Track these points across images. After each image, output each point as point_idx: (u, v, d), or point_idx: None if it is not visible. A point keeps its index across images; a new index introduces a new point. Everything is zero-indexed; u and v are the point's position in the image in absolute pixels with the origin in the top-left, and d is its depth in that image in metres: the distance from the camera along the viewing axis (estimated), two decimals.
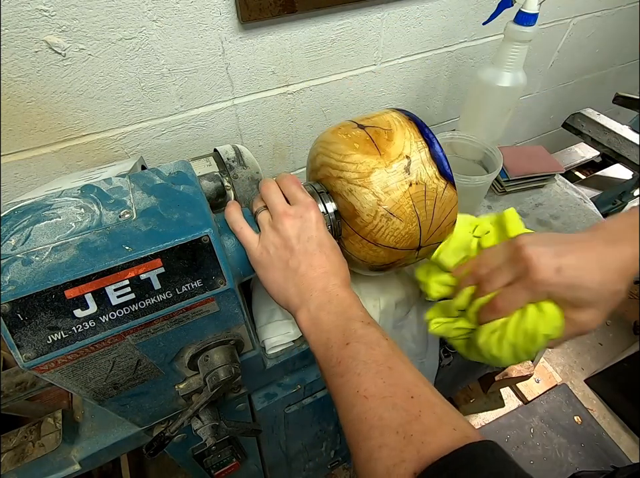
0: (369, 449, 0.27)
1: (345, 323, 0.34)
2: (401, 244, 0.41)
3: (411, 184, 0.40)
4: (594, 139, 0.92)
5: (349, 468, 1.26)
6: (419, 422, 0.27)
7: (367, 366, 0.30)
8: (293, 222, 0.38)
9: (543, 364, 1.50)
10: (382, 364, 0.31)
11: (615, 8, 0.96)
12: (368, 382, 0.30)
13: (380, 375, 0.30)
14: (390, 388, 0.29)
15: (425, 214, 0.41)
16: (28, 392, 0.44)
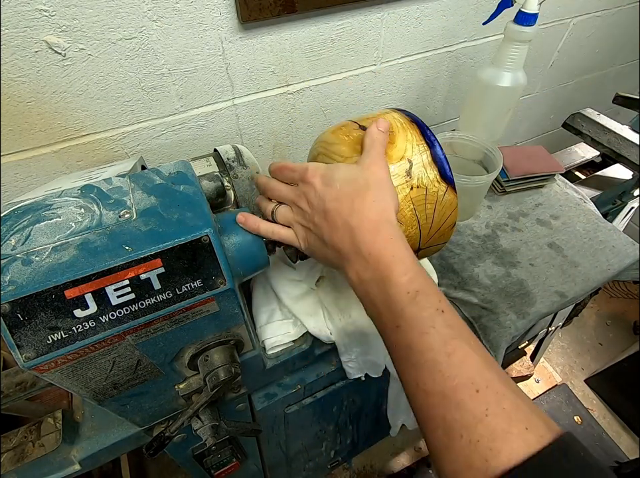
0: (437, 445, 0.26)
1: (389, 299, 0.30)
2: None
3: (412, 188, 0.40)
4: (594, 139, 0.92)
5: (349, 468, 1.26)
6: (485, 425, 0.24)
7: (422, 357, 0.28)
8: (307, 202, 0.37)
9: (543, 364, 1.50)
10: (439, 351, 0.27)
11: (615, 8, 0.96)
12: (426, 375, 0.27)
13: (438, 366, 0.27)
14: (450, 382, 0.26)
15: (425, 218, 0.41)
16: (28, 392, 0.44)
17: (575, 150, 1.04)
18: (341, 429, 0.84)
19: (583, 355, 1.54)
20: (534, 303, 0.63)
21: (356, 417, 0.82)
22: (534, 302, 0.63)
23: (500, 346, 0.60)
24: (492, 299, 0.63)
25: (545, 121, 1.19)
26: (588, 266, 0.68)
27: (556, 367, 1.50)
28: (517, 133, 1.17)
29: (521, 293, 0.64)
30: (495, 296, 0.63)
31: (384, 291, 0.31)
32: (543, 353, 1.36)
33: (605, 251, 0.70)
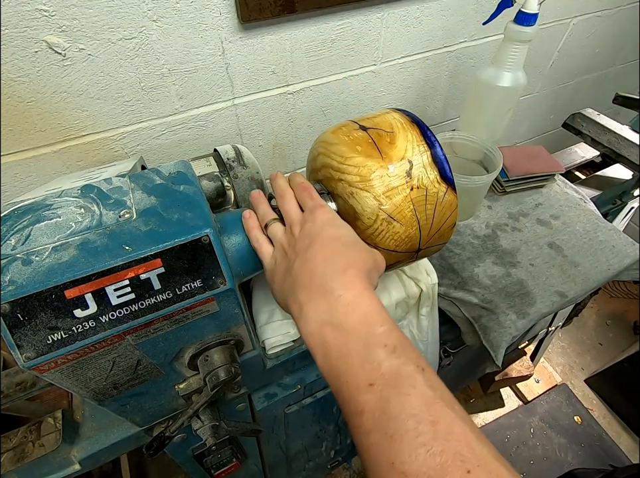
0: None
1: (362, 349, 0.26)
2: (401, 248, 0.42)
3: (413, 189, 0.40)
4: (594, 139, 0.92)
5: (349, 468, 1.26)
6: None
7: (402, 426, 0.23)
8: (299, 220, 0.36)
9: (543, 364, 1.50)
10: (422, 418, 0.23)
11: (615, 8, 0.96)
12: (405, 452, 0.22)
13: (421, 439, 0.22)
14: (436, 459, 0.22)
15: (426, 218, 0.41)
16: (28, 392, 0.44)
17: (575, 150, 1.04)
18: (341, 429, 0.84)
19: (583, 355, 1.54)
20: (534, 303, 0.63)
21: None
22: (534, 302, 0.63)
23: (500, 346, 0.60)
24: (492, 299, 0.63)
25: (545, 121, 1.19)
26: (588, 266, 0.68)
27: (556, 367, 1.50)
28: (517, 133, 1.17)
29: (521, 293, 0.64)
30: (495, 296, 0.63)
31: (356, 340, 0.27)
32: (543, 353, 1.36)
33: (605, 251, 0.70)
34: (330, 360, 0.27)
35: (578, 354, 1.54)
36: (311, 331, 0.29)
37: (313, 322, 0.29)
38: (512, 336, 0.61)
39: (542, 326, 1.00)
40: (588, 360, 1.52)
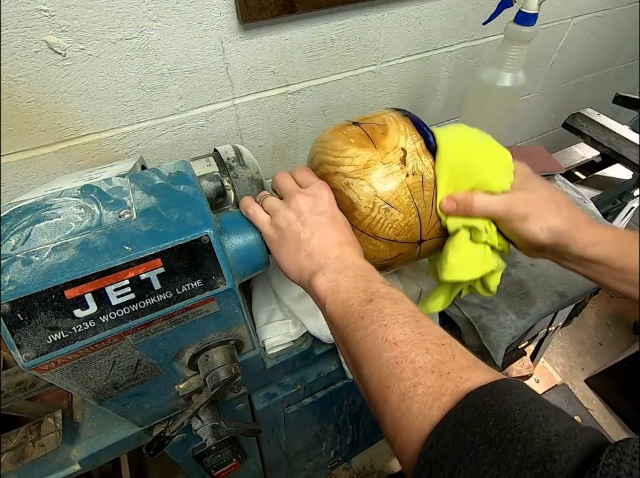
0: (402, 389, 0.26)
1: (366, 284, 0.33)
2: (402, 237, 0.41)
3: (408, 175, 0.40)
4: (594, 139, 0.92)
5: (349, 468, 1.26)
6: (454, 362, 0.26)
7: (394, 318, 0.29)
8: (306, 199, 0.39)
9: (543, 364, 1.50)
10: (409, 317, 0.30)
11: (615, 8, 0.95)
12: (397, 331, 0.28)
13: (408, 325, 0.29)
14: (419, 336, 0.28)
15: (424, 205, 0.41)
16: (28, 392, 0.44)
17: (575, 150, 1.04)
18: (341, 429, 0.84)
19: (583, 355, 1.54)
20: (534, 303, 0.63)
21: (356, 417, 0.82)
22: (534, 302, 0.63)
23: (500, 346, 0.60)
24: (492, 299, 0.63)
25: (545, 121, 1.19)
26: None
27: (556, 367, 1.50)
28: (517, 133, 1.17)
29: (521, 293, 0.64)
30: (495, 296, 0.63)
31: (361, 279, 0.34)
32: (543, 353, 1.36)
33: None
34: (339, 295, 0.33)
35: (578, 354, 1.54)
36: (327, 279, 0.35)
37: (330, 274, 0.35)
38: (512, 336, 0.61)
39: (542, 326, 1.00)
40: (588, 360, 1.52)
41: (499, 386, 0.24)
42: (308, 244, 0.37)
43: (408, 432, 0.25)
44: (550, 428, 0.21)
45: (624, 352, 1.41)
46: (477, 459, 0.21)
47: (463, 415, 0.23)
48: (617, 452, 0.18)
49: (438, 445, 0.23)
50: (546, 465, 0.19)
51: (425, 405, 0.25)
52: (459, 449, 0.22)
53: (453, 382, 0.25)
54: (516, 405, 0.22)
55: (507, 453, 0.20)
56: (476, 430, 0.22)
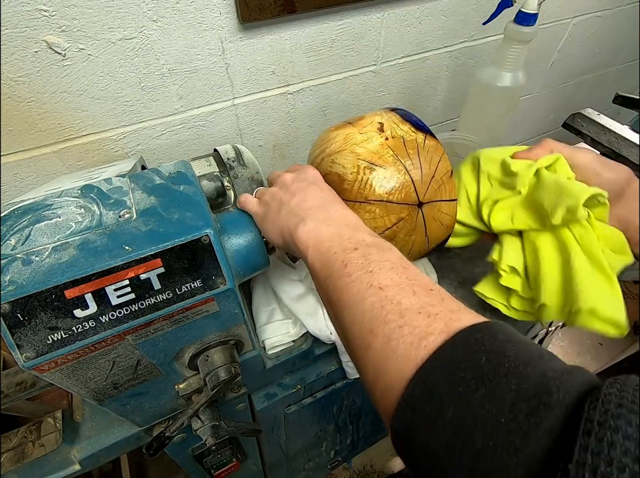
0: (387, 332, 0.24)
1: (351, 233, 0.31)
2: (395, 196, 0.40)
3: (387, 139, 0.41)
4: (594, 139, 0.92)
5: (349, 468, 1.26)
6: (443, 305, 0.25)
7: (380, 264, 0.28)
8: (290, 175, 0.41)
9: None
10: (396, 263, 0.28)
11: (615, 8, 0.95)
12: (383, 276, 0.27)
13: (395, 271, 0.27)
14: (407, 280, 0.27)
15: (412, 163, 0.40)
16: (28, 392, 0.44)
17: None
18: (341, 429, 0.84)
19: (583, 355, 1.54)
20: None
21: (356, 417, 0.82)
22: None
23: None
24: None
25: (545, 121, 1.19)
26: None
27: None
28: (517, 133, 1.17)
29: None
30: None
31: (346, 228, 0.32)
32: None
33: None
34: (322, 245, 0.31)
35: (578, 354, 1.54)
36: (308, 229, 0.33)
37: (312, 223, 0.33)
38: None
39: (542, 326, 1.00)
40: (588, 360, 1.52)
41: (491, 326, 0.23)
42: (289, 204, 0.37)
43: (392, 374, 0.24)
44: (546, 365, 0.20)
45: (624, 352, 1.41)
46: (467, 394, 0.20)
47: (452, 352, 0.22)
48: (619, 383, 0.18)
49: (425, 383, 0.22)
50: (542, 397, 0.18)
51: (412, 345, 0.23)
52: (448, 385, 0.21)
53: (441, 322, 0.24)
54: (510, 343, 0.22)
55: (501, 387, 0.19)
56: (467, 366, 0.21)
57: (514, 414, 0.18)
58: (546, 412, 0.18)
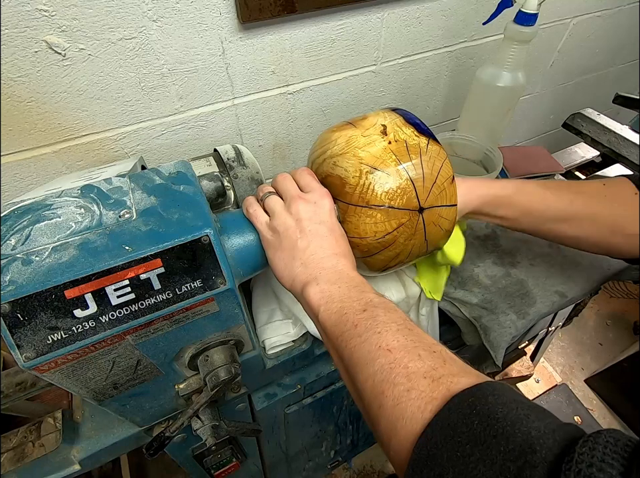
0: (397, 394, 0.27)
1: (359, 294, 0.34)
2: (397, 202, 0.40)
3: (390, 142, 0.41)
4: (594, 139, 0.92)
5: (349, 468, 1.26)
6: (445, 368, 0.27)
7: (387, 326, 0.30)
8: (306, 206, 0.39)
9: (543, 364, 1.50)
10: (402, 325, 0.31)
11: (615, 8, 0.95)
12: (390, 337, 0.29)
13: (401, 333, 0.30)
14: (412, 343, 0.29)
15: (414, 168, 0.40)
16: (28, 392, 0.44)
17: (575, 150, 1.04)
18: (341, 429, 0.84)
19: (583, 355, 1.54)
20: (534, 303, 0.63)
21: (356, 417, 0.82)
22: (534, 302, 0.63)
23: (500, 346, 0.60)
24: (492, 299, 0.63)
25: (545, 121, 1.19)
26: (588, 266, 0.68)
27: (556, 367, 1.50)
28: (517, 133, 1.17)
29: (521, 293, 0.64)
30: (495, 296, 0.63)
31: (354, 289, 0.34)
32: (543, 353, 1.36)
33: None
34: (332, 305, 0.34)
35: (578, 354, 1.54)
36: (320, 289, 0.35)
37: (323, 284, 0.35)
38: (512, 336, 0.61)
39: (542, 326, 1.00)
40: (588, 360, 1.52)
41: (482, 388, 0.25)
42: (304, 253, 0.37)
43: (402, 435, 0.26)
44: (531, 424, 0.22)
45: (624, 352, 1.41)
46: (464, 457, 0.22)
47: (449, 416, 0.24)
48: (590, 442, 0.20)
49: (427, 447, 0.24)
50: (527, 456, 0.20)
51: (418, 409, 0.26)
52: (447, 449, 0.23)
53: (444, 386, 0.26)
54: (499, 405, 0.24)
55: (491, 449, 0.22)
56: (462, 430, 0.23)
57: (504, 476, 0.20)
58: (530, 471, 0.20)
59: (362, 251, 0.43)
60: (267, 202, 0.41)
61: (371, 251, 0.43)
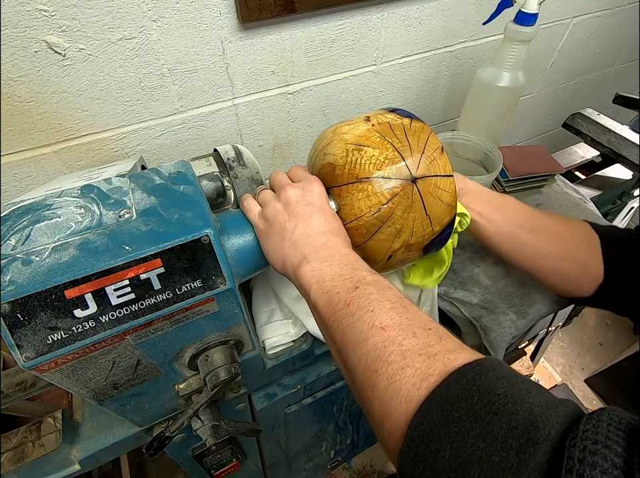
0: (390, 373, 0.26)
1: (351, 272, 0.33)
2: (386, 172, 0.39)
3: (374, 125, 0.42)
4: (594, 139, 0.92)
5: (349, 468, 1.26)
6: (441, 345, 0.27)
7: (381, 304, 0.29)
8: (294, 191, 0.39)
9: (543, 364, 1.50)
10: (395, 302, 0.30)
11: (615, 8, 0.96)
12: (384, 316, 0.29)
13: (395, 311, 0.29)
14: (406, 320, 0.28)
15: (399, 142, 0.41)
16: (28, 392, 0.44)
17: (575, 150, 1.04)
18: (341, 429, 0.84)
19: (583, 355, 1.54)
20: (534, 303, 0.63)
21: (356, 417, 0.82)
22: (534, 302, 0.63)
23: (500, 346, 0.60)
24: (492, 299, 0.63)
25: (545, 121, 1.19)
26: None
27: (556, 367, 1.50)
28: (517, 133, 1.17)
29: (521, 293, 0.64)
30: (495, 296, 0.63)
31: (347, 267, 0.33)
32: (543, 353, 1.36)
33: None
34: (324, 284, 0.33)
35: (578, 354, 1.54)
36: (311, 268, 0.34)
37: (314, 262, 0.35)
38: (512, 336, 0.61)
39: (542, 326, 1.00)
40: (588, 360, 1.52)
41: (482, 364, 0.25)
42: (292, 234, 0.37)
43: (396, 414, 0.25)
44: (533, 400, 0.22)
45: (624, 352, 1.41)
46: (462, 433, 0.22)
47: (447, 392, 0.23)
48: (594, 419, 0.20)
49: (424, 424, 0.23)
50: (531, 433, 0.20)
51: (414, 386, 0.25)
52: (444, 425, 0.22)
53: (440, 363, 0.25)
54: (499, 380, 0.23)
55: (493, 425, 0.21)
56: (461, 405, 0.23)
57: (505, 452, 0.20)
58: (534, 448, 0.19)
59: (362, 235, 0.41)
60: (260, 195, 0.42)
61: (370, 230, 0.41)
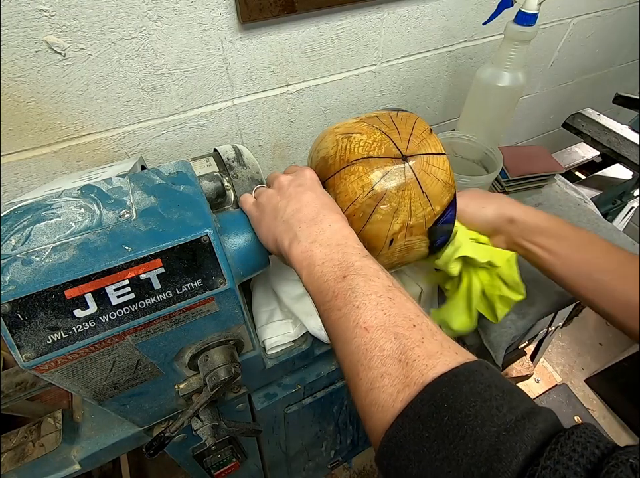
0: (370, 379, 0.27)
1: (341, 256, 0.33)
2: (375, 151, 0.41)
3: (363, 119, 0.45)
4: (594, 139, 0.92)
5: (349, 468, 1.26)
6: (422, 348, 0.27)
7: (366, 298, 0.29)
8: (286, 177, 0.41)
9: (543, 364, 1.50)
10: (382, 295, 0.30)
11: (615, 8, 0.96)
12: (368, 313, 0.29)
13: (380, 306, 0.29)
14: (391, 318, 0.28)
15: (386, 126, 0.43)
16: (28, 392, 0.44)
17: (575, 150, 1.04)
18: (341, 429, 0.84)
19: (583, 355, 1.54)
20: (534, 303, 0.63)
21: (356, 417, 0.82)
22: (534, 302, 0.63)
23: (500, 346, 0.60)
24: None
25: (545, 121, 1.19)
26: None
27: (556, 367, 1.50)
28: (517, 133, 1.17)
29: None
30: None
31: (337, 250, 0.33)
32: (543, 353, 1.36)
33: None
34: (314, 268, 0.33)
35: (578, 354, 1.54)
36: (302, 249, 0.34)
37: (305, 241, 0.34)
38: (512, 336, 0.61)
39: (542, 326, 1.00)
40: (588, 360, 1.52)
41: (459, 375, 0.24)
42: (284, 212, 0.37)
43: (375, 421, 0.26)
44: (502, 420, 0.22)
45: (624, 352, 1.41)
46: (430, 454, 0.22)
47: (421, 408, 0.24)
48: (557, 451, 0.19)
49: (396, 438, 0.24)
50: (493, 464, 0.20)
51: (390, 397, 0.25)
52: (414, 443, 0.23)
53: (417, 371, 0.25)
54: (472, 397, 0.23)
55: (459, 450, 0.21)
56: (432, 425, 0.23)
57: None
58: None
59: (359, 219, 0.41)
60: (256, 190, 0.44)
61: (366, 211, 0.40)
